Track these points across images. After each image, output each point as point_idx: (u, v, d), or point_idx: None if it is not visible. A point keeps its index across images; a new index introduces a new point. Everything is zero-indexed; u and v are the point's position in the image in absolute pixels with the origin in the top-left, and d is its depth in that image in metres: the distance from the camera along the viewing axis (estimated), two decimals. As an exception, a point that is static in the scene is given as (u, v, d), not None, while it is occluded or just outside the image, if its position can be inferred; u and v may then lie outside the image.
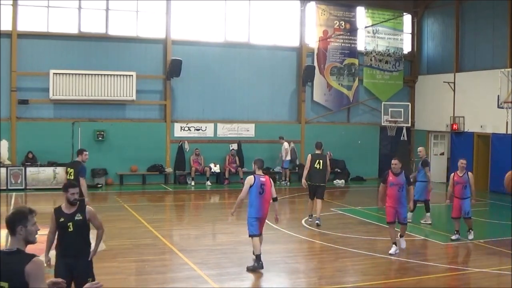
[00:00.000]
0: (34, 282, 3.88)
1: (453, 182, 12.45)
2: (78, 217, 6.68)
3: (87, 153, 11.97)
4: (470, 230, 12.46)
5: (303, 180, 13.94)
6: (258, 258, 9.77)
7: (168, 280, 9.43)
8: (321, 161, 13.73)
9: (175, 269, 10.04)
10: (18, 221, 4.16)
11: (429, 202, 14.48)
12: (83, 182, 11.07)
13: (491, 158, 21.21)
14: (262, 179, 9.90)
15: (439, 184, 23.58)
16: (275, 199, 9.99)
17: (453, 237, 12.37)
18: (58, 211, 6.76)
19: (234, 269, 9.99)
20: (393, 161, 11.05)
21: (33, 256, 4.04)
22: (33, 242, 4.27)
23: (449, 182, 12.69)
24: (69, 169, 11.66)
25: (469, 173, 12.52)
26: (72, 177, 11.23)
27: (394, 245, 10.98)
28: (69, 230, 6.60)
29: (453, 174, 12.65)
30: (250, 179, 9.89)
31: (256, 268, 9.70)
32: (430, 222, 14.34)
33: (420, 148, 15.57)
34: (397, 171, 10.98)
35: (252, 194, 9.80)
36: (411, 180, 11.33)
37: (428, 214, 14.43)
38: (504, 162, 20.24)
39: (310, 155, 13.96)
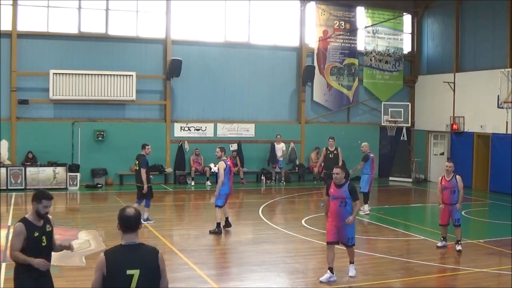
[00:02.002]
0: (165, 271, 4.71)
1: (440, 187, 11.54)
2: (48, 228, 6.03)
3: (149, 147, 13.89)
4: (459, 242, 11.50)
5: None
6: (218, 225, 12.63)
7: (168, 280, 9.41)
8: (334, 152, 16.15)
9: (175, 269, 10.03)
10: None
11: (368, 194, 15.93)
12: (143, 172, 13.35)
13: (491, 158, 21.21)
14: (228, 162, 12.80)
15: (439, 184, 23.63)
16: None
17: (439, 244, 11.75)
18: (28, 224, 5.88)
19: (234, 269, 9.99)
20: (334, 170, 9.24)
21: (157, 249, 4.69)
22: None
23: (437, 186, 11.80)
24: (136, 161, 13.80)
25: (457, 176, 11.50)
26: (137, 168, 13.62)
27: (328, 271, 9.23)
28: (43, 244, 5.95)
29: (440, 178, 11.70)
30: (223, 164, 12.54)
31: (216, 232, 12.51)
32: (368, 212, 15.60)
33: (363, 144, 16.49)
34: (340, 182, 9.10)
35: (226, 175, 12.50)
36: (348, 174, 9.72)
37: (366, 205, 15.65)
38: (504, 162, 20.28)
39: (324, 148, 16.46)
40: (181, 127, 22.05)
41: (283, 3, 23.46)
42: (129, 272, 4.39)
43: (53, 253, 6.25)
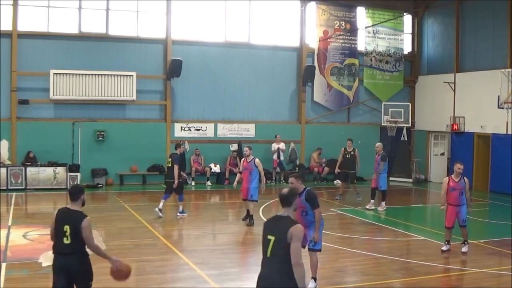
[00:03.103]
0: (295, 240, 5.44)
1: (447, 188, 11.35)
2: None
3: (182, 146, 15.43)
4: (466, 243, 11.45)
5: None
6: (252, 217, 13.93)
7: (168, 280, 9.43)
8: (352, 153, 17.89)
9: (175, 269, 10.04)
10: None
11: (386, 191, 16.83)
12: (176, 168, 14.58)
13: (491, 158, 21.21)
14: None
15: (440, 185, 23.42)
16: None
17: (444, 248, 11.50)
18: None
19: (234, 269, 10.00)
20: (289, 179, 8.56)
21: (296, 222, 5.64)
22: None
23: (442, 187, 11.56)
24: (169, 158, 15.03)
25: (465, 178, 11.38)
26: (170, 165, 14.81)
27: (314, 280, 8.87)
28: None
29: (447, 179, 11.51)
30: (258, 161, 14.20)
31: (250, 225, 13.70)
32: (385, 208, 16.58)
33: (378, 144, 17.37)
34: (298, 191, 8.40)
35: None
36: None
37: (383, 202, 16.65)
38: (504, 162, 20.28)
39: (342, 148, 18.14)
40: (181, 127, 22.05)
41: (283, 3, 23.46)
42: (269, 237, 5.60)
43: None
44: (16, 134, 19.88)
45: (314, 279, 8.81)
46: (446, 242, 11.60)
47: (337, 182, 23.29)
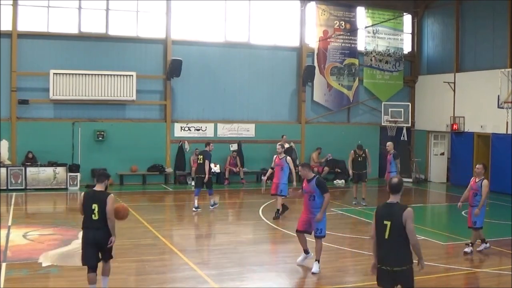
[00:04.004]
0: (409, 222, 6.23)
1: (469, 187, 11.56)
2: None
3: (212, 144, 16.31)
4: (484, 242, 11.51)
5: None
6: (279, 210, 14.55)
7: (168, 280, 9.43)
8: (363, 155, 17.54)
9: (175, 269, 10.04)
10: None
11: None
12: (207, 163, 15.55)
13: (491, 158, 21.20)
14: None
15: (440, 184, 23.63)
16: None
17: (467, 250, 11.33)
18: None
19: (234, 269, 9.99)
20: (299, 169, 10.25)
21: (406, 207, 6.35)
22: None
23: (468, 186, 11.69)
24: (199, 156, 16.00)
25: (485, 181, 11.38)
26: (201, 161, 15.74)
27: (302, 253, 10.26)
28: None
29: (472, 178, 11.67)
30: (290, 159, 14.79)
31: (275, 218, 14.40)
32: None
33: (388, 143, 17.81)
34: (308, 177, 9.87)
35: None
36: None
37: None
38: (504, 162, 20.28)
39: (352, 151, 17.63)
40: (181, 127, 22.05)
41: (283, 3, 23.46)
42: (385, 222, 6.34)
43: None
44: (16, 134, 19.88)
45: (318, 261, 9.79)
46: (469, 244, 11.51)
47: (337, 182, 23.35)
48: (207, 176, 15.53)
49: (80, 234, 12.44)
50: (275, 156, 15.04)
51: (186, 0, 21.98)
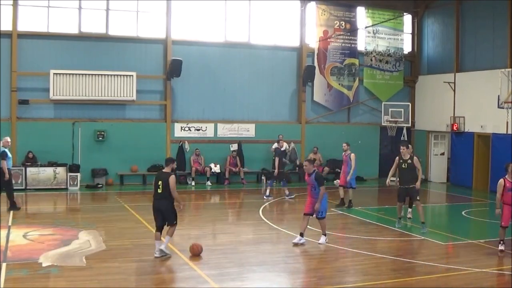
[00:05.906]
0: None
1: (503, 189, 11.26)
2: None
3: (282, 142, 19.12)
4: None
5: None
6: (350, 202, 16.80)
7: (168, 280, 9.43)
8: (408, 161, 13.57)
9: (175, 269, 10.04)
10: None
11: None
12: (277, 160, 17.95)
13: (491, 158, 21.19)
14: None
15: (440, 184, 23.63)
16: None
17: (502, 248, 11.31)
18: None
19: (234, 269, 9.99)
20: (304, 163, 12.14)
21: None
22: None
23: (498, 189, 11.40)
24: (273, 152, 18.70)
25: None
26: (274, 157, 18.20)
27: (299, 235, 11.85)
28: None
29: (502, 181, 11.34)
30: (354, 155, 16.56)
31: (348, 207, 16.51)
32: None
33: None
34: (309, 172, 11.86)
35: None
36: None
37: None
38: (504, 162, 20.09)
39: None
40: (181, 127, 22.05)
41: (283, 3, 23.46)
42: None
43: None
44: (16, 134, 19.88)
45: (324, 234, 11.94)
46: (501, 242, 11.47)
47: (337, 182, 23.28)
48: (276, 170, 17.96)
49: (80, 234, 12.57)
50: (343, 153, 16.81)
51: (186, 0, 21.98)
